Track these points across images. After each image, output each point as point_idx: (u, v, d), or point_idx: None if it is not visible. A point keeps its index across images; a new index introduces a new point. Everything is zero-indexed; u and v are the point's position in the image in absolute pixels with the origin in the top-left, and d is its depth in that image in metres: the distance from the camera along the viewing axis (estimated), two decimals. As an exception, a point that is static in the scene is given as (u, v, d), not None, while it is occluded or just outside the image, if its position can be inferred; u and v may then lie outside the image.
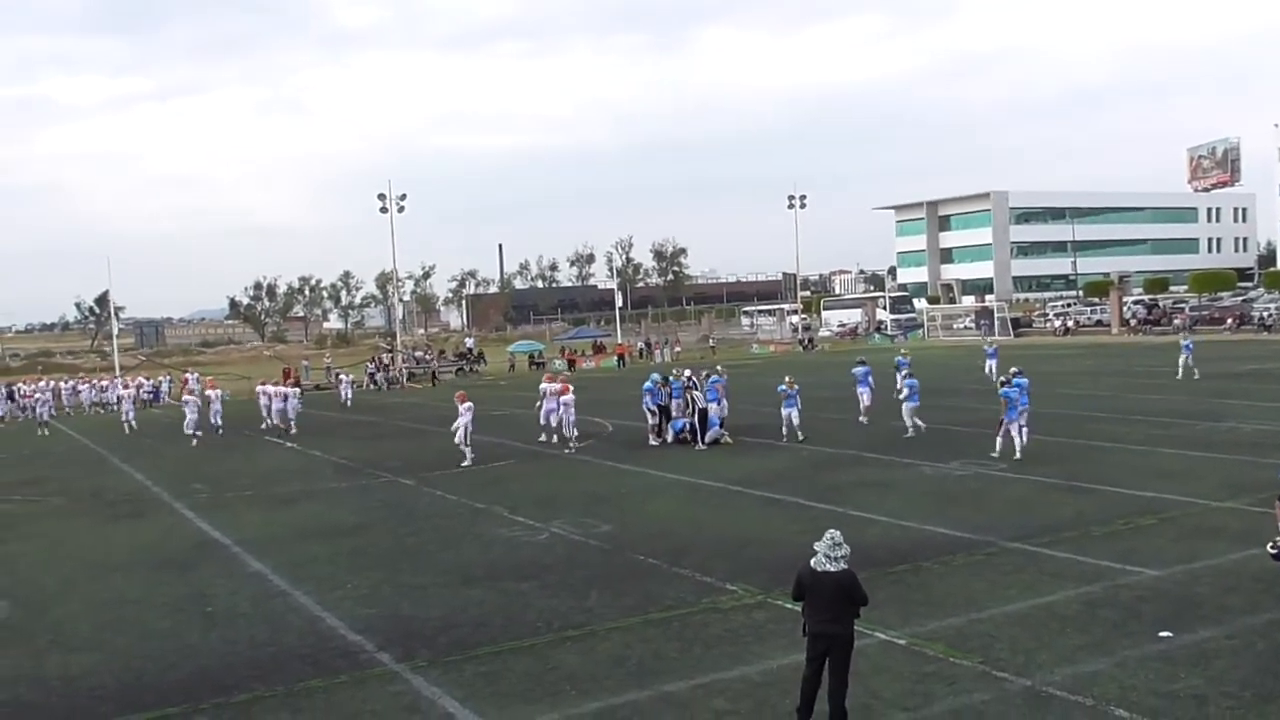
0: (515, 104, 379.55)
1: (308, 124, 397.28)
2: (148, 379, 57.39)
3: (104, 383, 54.00)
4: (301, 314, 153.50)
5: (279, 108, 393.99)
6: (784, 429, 25.17)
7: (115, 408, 44.59)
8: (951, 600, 11.66)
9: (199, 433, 32.50)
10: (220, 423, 35.00)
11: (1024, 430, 20.94)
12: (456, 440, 24.10)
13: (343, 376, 49.63)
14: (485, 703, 9.39)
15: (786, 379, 26.14)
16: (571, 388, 27.36)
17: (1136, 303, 77.26)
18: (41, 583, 14.97)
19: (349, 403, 44.46)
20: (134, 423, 38.11)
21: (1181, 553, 13.15)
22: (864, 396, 27.95)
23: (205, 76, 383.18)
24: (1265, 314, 65.47)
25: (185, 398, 36.45)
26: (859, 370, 28.76)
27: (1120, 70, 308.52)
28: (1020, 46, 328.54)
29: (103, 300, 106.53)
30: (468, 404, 24.34)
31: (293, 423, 34.43)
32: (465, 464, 23.72)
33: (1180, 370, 35.14)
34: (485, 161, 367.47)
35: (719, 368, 28.59)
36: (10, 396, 50.63)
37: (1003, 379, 22.60)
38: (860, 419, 27.46)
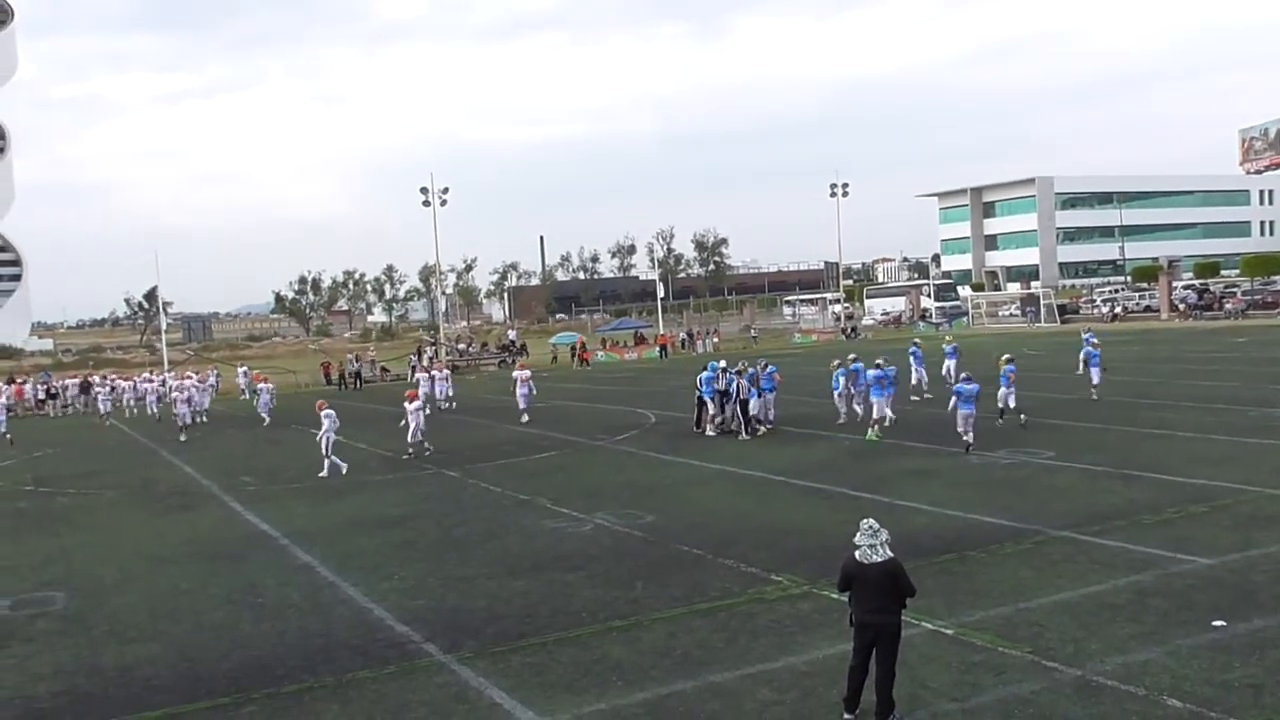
0: (554, 95, 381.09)
1: (351, 118, 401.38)
2: (195, 373, 58.04)
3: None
4: (345, 308, 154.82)
5: (322, 102, 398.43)
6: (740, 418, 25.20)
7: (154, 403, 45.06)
8: (999, 589, 11.57)
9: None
10: (267, 416, 36.55)
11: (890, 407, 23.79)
12: (323, 450, 23.10)
13: (436, 374, 40.43)
14: (532, 693, 9.45)
15: (721, 364, 26.78)
16: (529, 371, 33.85)
17: (1187, 288, 76.05)
18: (97, 574, 15.25)
19: (453, 404, 37.95)
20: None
21: (1235, 541, 12.96)
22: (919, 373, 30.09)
23: (250, 72, 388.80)
24: (1320, 297, 64.21)
25: (176, 394, 37.85)
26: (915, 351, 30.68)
27: (1169, 51, 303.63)
28: (1065, 29, 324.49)
29: (151, 296, 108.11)
30: (328, 412, 23.40)
31: (265, 416, 36.05)
32: (322, 474, 22.81)
33: (1081, 365, 33.57)
34: (526, 154, 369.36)
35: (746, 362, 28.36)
36: (84, 389, 52.23)
37: (877, 362, 24.68)
38: (916, 397, 28.50)
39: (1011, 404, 23.62)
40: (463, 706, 9.30)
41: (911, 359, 31.14)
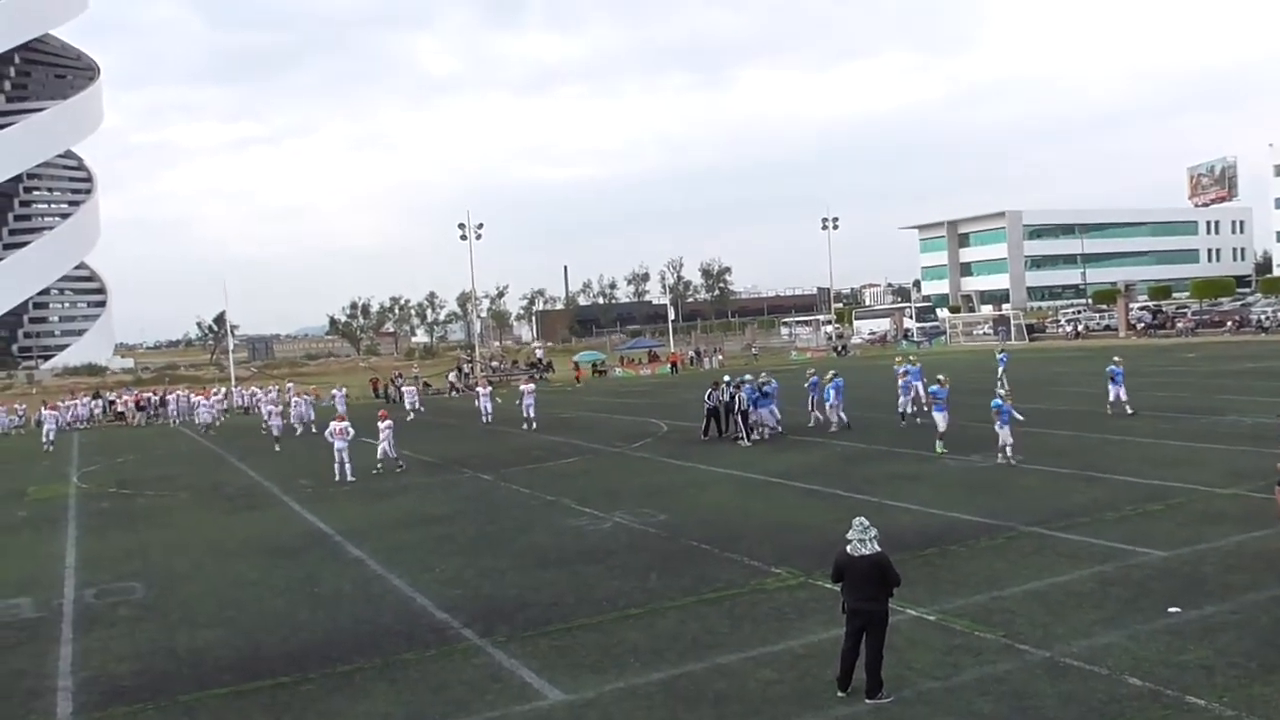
0: (578, 138, 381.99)
1: (398, 160, 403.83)
2: (261, 389, 58.15)
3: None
4: (392, 329, 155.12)
5: (374, 145, 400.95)
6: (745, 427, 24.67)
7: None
8: (976, 579, 11.51)
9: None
10: (299, 426, 36.63)
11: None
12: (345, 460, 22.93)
13: (481, 390, 39.47)
14: (559, 673, 9.43)
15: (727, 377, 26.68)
16: (534, 385, 33.95)
17: (1142, 309, 75.57)
18: (172, 566, 15.29)
19: (489, 418, 35.57)
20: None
21: (1188, 535, 12.85)
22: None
23: (310, 119, 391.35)
24: (1262, 317, 63.81)
25: (269, 408, 36.65)
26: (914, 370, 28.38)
27: (1126, 95, 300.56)
28: (1035, 75, 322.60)
29: (220, 319, 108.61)
30: (343, 424, 23.34)
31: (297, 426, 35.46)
32: (352, 479, 22.61)
33: (1001, 384, 31.68)
34: (553, 191, 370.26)
35: (764, 374, 28.33)
36: (163, 402, 52.60)
37: (939, 378, 23.37)
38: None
39: (1124, 397, 25.31)
40: (497, 685, 9.29)
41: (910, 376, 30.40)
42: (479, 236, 62.57)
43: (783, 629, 10.24)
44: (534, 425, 31.81)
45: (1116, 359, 27.18)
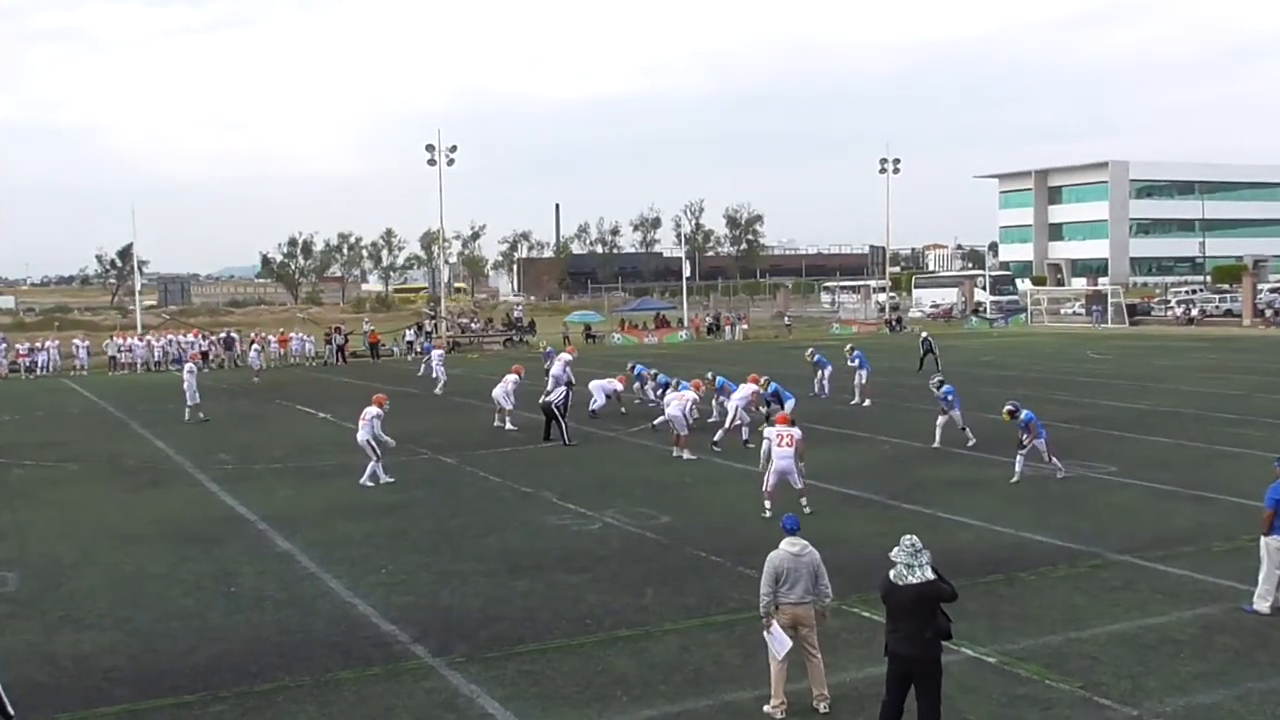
0: (586, 48, 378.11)
1: (365, 63, 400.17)
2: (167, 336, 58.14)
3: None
4: (339, 274, 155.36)
5: (334, 40, 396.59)
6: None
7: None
8: (1049, 616, 11.54)
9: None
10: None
11: None
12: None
13: (436, 352, 40.41)
14: (528, 704, 9.48)
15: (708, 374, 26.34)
16: (522, 370, 28.77)
17: (1274, 291, 75.30)
18: (55, 553, 15.34)
19: (443, 388, 36.35)
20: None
21: (1315, 574, 12.84)
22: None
23: (253, 6, 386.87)
24: None
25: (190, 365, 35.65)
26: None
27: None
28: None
29: (126, 253, 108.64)
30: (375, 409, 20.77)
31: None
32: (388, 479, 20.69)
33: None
34: (549, 112, 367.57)
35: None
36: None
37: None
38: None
39: None
40: (451, 715, 9.34)
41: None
42: (450, 162, 62.21)
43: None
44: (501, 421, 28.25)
45: None
